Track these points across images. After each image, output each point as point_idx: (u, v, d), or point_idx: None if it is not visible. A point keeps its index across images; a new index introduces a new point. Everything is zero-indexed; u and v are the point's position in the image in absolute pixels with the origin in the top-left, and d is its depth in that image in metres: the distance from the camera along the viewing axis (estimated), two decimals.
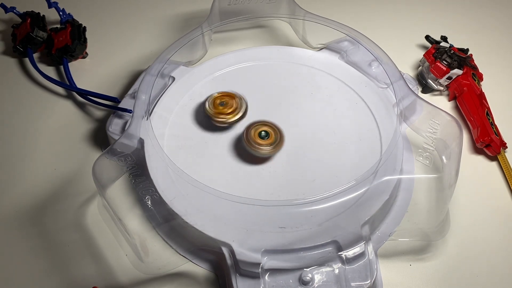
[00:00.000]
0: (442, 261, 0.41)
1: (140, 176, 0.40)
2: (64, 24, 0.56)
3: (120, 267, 0.41)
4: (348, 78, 0.49)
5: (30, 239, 0.43)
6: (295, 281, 0.37)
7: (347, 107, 0.47)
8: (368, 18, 0.62)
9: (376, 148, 0.44)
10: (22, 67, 0.57)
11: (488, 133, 0.47)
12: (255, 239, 0.37)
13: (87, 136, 0.50)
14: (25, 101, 0.53)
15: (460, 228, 0.43)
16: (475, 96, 0.50)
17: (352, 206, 0.39)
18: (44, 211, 0.44)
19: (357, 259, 0.37)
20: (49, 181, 0.46)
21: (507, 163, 0.47)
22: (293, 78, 0.50)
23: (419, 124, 0.43)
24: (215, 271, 0.41)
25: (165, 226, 0.41)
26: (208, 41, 0.53)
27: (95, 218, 0.44)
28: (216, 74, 0.50)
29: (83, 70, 0.56)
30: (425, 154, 0.41)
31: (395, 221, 0.42)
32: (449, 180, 0.40)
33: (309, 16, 0.51)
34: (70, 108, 0.53)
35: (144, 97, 0.44)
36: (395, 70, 0.45)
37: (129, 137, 0.42)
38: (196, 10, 0.63)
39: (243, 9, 0.53)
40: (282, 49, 0.52)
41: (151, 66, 0.46)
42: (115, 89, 0.54)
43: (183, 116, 0.46)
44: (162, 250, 0.42)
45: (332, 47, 0.52)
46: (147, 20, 0.62)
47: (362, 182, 0.39)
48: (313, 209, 0.38)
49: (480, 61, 0.54)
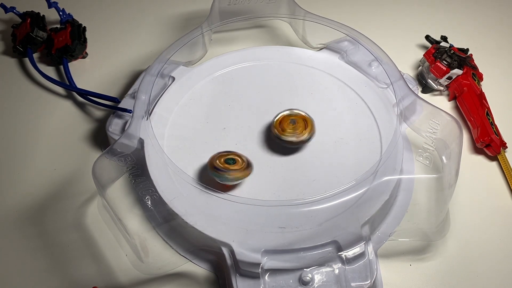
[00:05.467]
0: (442, 261, 0.41)
1: (140, 176, 0.40)
2: (64, 24, 0.56)
3: (120, 267, 0.41)
4: (348, 78, 0.49)
5: (30, 239, 0.43)
6: (295, 281, 0.37)
7: (347, 107, 0.47)
8: (368, 18, 0.62)
9: (376, 148, 0.44)
10: (22, 67, 0.57)
11: (488, 133, 0.47)
12: (255, 239, 0.37)
13: (87, 136, 0.50)
14: (25, 101, 0.53)
15: (460, 228, 0.43)
16: (475, 96, 0.50)
17: (352, 206, 0.39)
18: (44, 211, 0.44)
19: (357, 259, 0.37)
20: (49, 181, 0.46)
21: (507, 163, 0.47)
22: (293, 78, 0.50)
23: (419, 124, 0.43)
24: (215, 271, 0.41)
25: (165, 226, 0.41)
26: (208, 41, 0.53)
27: (95, 218, 0.44)
28: (216, 74, 0.50)
29: (83, 70, 0.56)
30: (425, 154, 0.41)
31: (395, 221, 0.42)
32: (449, 180, 0.40)
33: (309, 16, 0.51)
34: (70, 108, 0.53)
35: (144, 97, 0.44)
36: (395, 70, 0.45)
37: (129, 137, 0.42)
38: (196, 10, 0.63)
39: (243, 9, 0.53)
40: (282, 49, 0.52)
41: (151, 66, 0.46)
42: (115, 89, 0.54)
43: (183, 116, 0.46)
44: (162, 250, 0.42)
45: (332, 47, 0.52)
46: (147, 20, 0.62)
47: (362, 182, 0.39)
48: (313, 209, 0.38)
49: (480, 61, 0.54)
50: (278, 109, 0.46)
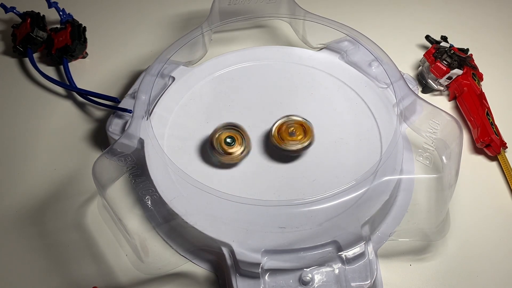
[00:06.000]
0: (442, 261, 0.41)
1: (140, 176, 0.40)
2: (64, 24, 0.56)
3: (120, 267, 0.41)
4: (348, 78, 0.49)
5: (30, 239, 0.43)
6: (295, 281, 0.37)
7: (347, 107, 0.47)
8: (368, 18, 0.62)
9: (376, 148, 0.44)
10: (22, 67, 0.57)
11: (488, 133, 0.47)
12: (255, 239, 0.37)
13: (87, 136, 0.50)
14: (25, 101, 0.53)
15: (460, 228, 0.43)
16: (475, 96, 0.50)
17: (352, 206, 0.39)
18: (44, 211, 0.44)
19: (357, 259, 0.37)
20: (49, 181, 0.46)
21: (507, 163, 0.47)
22: (293, 78, 0.50)
23: (419, 124, 0.43)
24: (215, 271, 0.41)
25: (165, 226, 0.41)
26: (208, 41, 0.53)
27: (95, 218, 0.44)
28: (216, 74, 0.50)
29: (83, 70, 0.56)
30: (425, 154, 0.41)
31: (395, 221, 0.42)
32: (449, 180, 0.40)
33: (309, 16, 0.51)
34: (70, 108, 0.53)
35: (144, 97, 0.44)
36: (395, 70, 0.45)
37: (129, 137, 0.42)
38: (196, 10, 0.63)
39: (243, 9, 0.53)
40: (282, 49, 0.52)
41: (151, 66, 0.46)
42: (115, 89, 0.54)
43: (183, 116, 0.46)
44: (162, 250, 0.42)
45: (332, 47, 0.52)
46: (147, 20, 0.62)
47: (362, 182, 0.39)
48: (313, 209, 0.38)
49: (480, 61, 0.54)
50: (278, 109, 0.46)
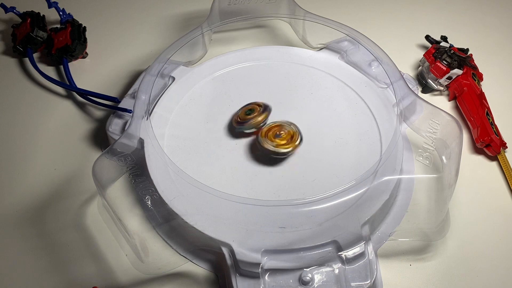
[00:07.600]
0: (442, 261, 0.41)
1: (140, 176, 0.40)
2: (64, 24, 0.56)
3: (120, 267, 0.41)
4: (348, 78, 0.49)
5: (30, 239, 0.43)
6: (295, 281, 0.37)
7: (347, 107, 0.47)
8: (368, 18, 0.62)
9: (376, 148, 0.44)
10: (22, 67, 0.57)
11: (488, 133, 0.47)
12: (255, 239, 0.37)
13: (87, 136, 0.50)
14: (25, 101, 0.53)
15: (460, 228, 0.43)
16: (475, 96, 0.50)
17: (352, 206, 0.39)
18: (44, 211, 0.44)
19: (357, 259, 0.37)
20: (49, 181, 0.46)
21: (507, 163, 0.47)
22: (293, 78, 0.50)
23: (419, 124, 0.43)
24: (215, 271, 0.41)
25: (165, 226, 0.41)
26: (208, 41, 0.53)
27: (95, 218, 0.44)
28: (216, 74, 0.50)
29: (83, 70, 0.56)
30: (425, 154, 0.41)
31: (395, 221, 0.42)
32: (449, 180, 0.40)
33: (309, 16, 0.51)
34: (70, 108, 0.53)
35: (144, 97, 0.44)
36: (395, 70, 0.45)
37: (129, 137, 0.42)
38: (196, 10, 0.63)
39: (243, 9, 0.53)
40: (282, 49, 0.52)
41: (151, 66, 0.46)
42: (115, 89, 0.54)
43: (183, 116, 0.46)
44: (162, 250, 0.42)
45: (332, 47, 0.52)
46: (147, 20, 0.62)
47: (362, 182, 0.39)
48: (313, 209, 0.38)
49: (480, 61, 0.54)
50: (278, 109, 0.47)
